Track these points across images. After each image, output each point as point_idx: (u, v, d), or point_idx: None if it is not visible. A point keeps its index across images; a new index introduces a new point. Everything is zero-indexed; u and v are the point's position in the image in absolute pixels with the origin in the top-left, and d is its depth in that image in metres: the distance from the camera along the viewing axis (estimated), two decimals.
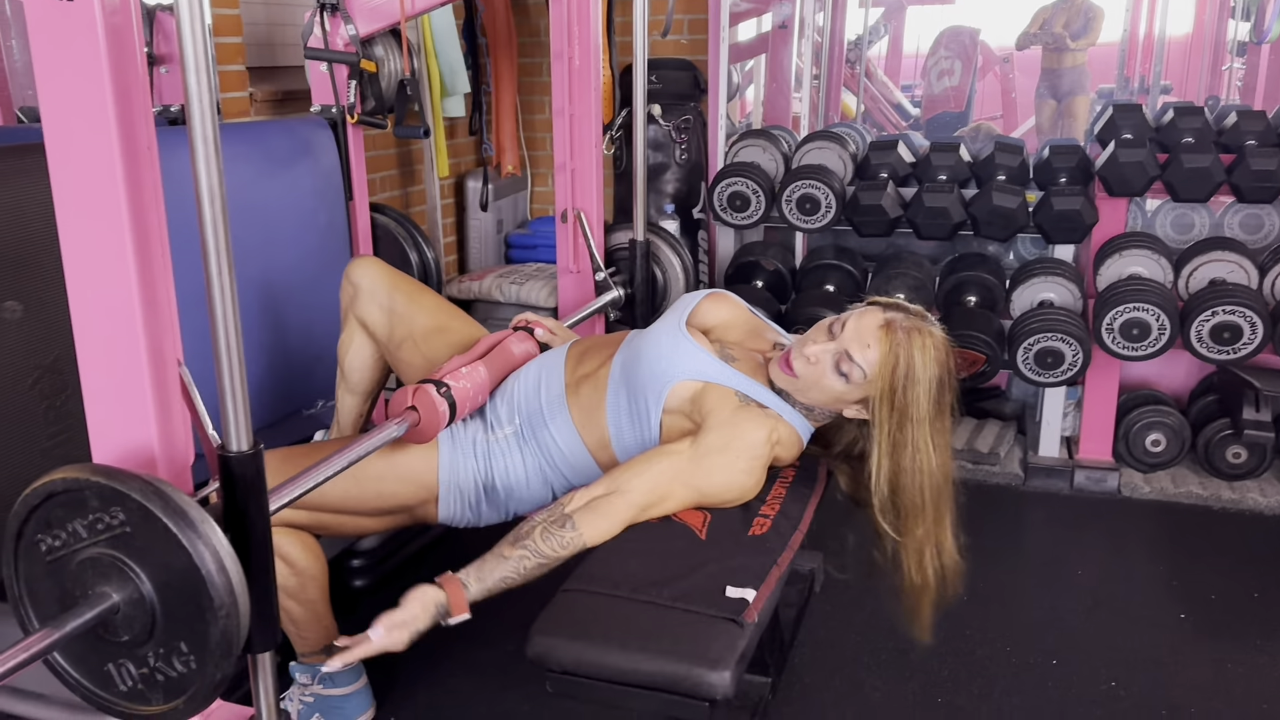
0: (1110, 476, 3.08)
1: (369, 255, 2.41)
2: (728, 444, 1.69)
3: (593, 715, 2.03)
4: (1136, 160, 2.97)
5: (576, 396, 1.88)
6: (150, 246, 1.22)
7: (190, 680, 1.23)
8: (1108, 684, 2.14)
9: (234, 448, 1.26)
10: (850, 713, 2.05)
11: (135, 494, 1.16)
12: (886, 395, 1.66)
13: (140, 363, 1.24)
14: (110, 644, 1.26)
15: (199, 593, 1.17)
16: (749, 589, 1.47)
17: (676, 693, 1.34)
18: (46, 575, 1.25)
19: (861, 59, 6.51)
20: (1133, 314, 2.85)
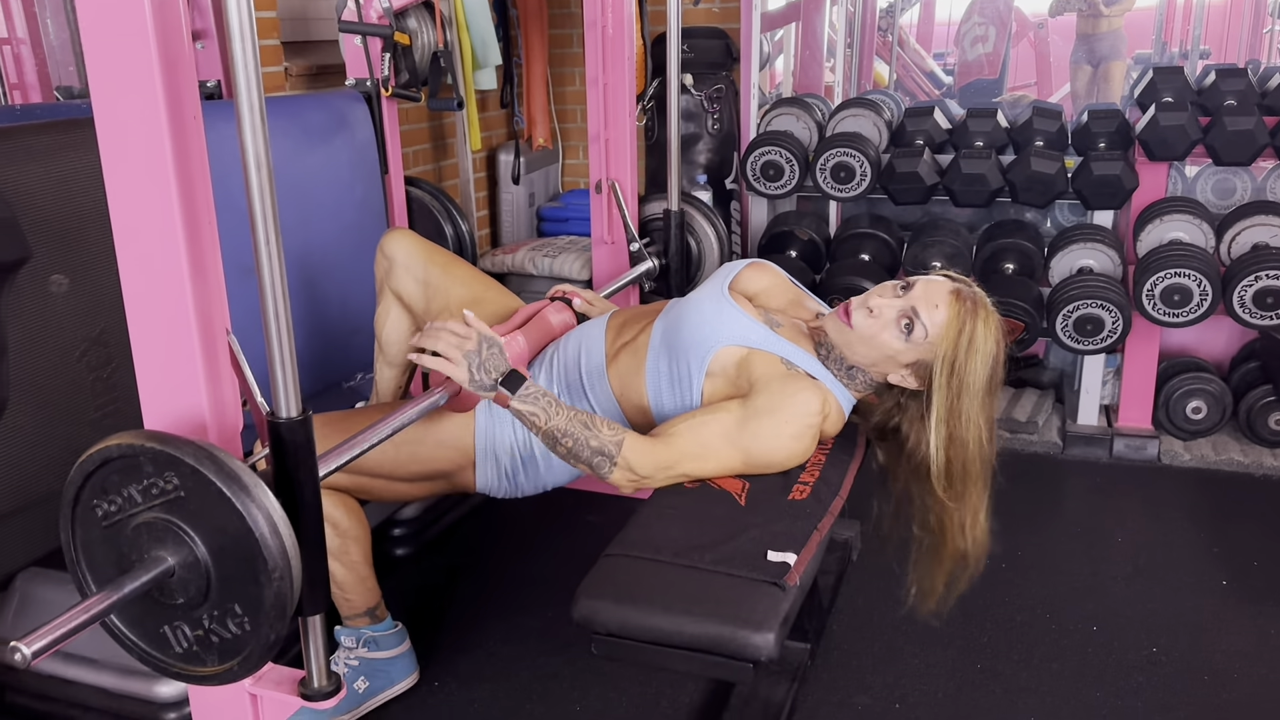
0: (1150, 444, 3.05)
1: (403, 227, 2.42)
2: (778, 407, 1.69)
3: (632, 678, 2.06)
4: (1178, 123, 2.92)
5: (616, 365, 1.89)
6: (198, 215, 1.23)
7: (245, 642, 1.26)
8: (1149, 650, 2.13)
9: (283, 414, 1.27)
10: (889, 678, 2.06)
11: (189, 459, 1.18)
12: (948, 360, 1.66)
13: (190, 331, 1.25)
14: (166, 607, 1.28)
15: (253, 555, 1.19)
16: (790, 553, 1.47)
17: (721, 654, 1.36)
18: (103, 540, 1.28)
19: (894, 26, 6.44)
20: (1174, 279, 2.81)
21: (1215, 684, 2.03)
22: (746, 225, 3.65)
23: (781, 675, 1.98)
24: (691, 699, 2.01)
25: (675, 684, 2.04)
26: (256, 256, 1.22)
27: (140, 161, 1.21)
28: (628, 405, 1.87)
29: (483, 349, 1.65)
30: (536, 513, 2.75)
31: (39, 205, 1.86)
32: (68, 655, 1.92)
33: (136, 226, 1.24)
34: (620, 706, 1.99)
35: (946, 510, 1.70)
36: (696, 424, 1.70)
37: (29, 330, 1.86)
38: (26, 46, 3.08)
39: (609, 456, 1.64)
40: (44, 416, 1.91)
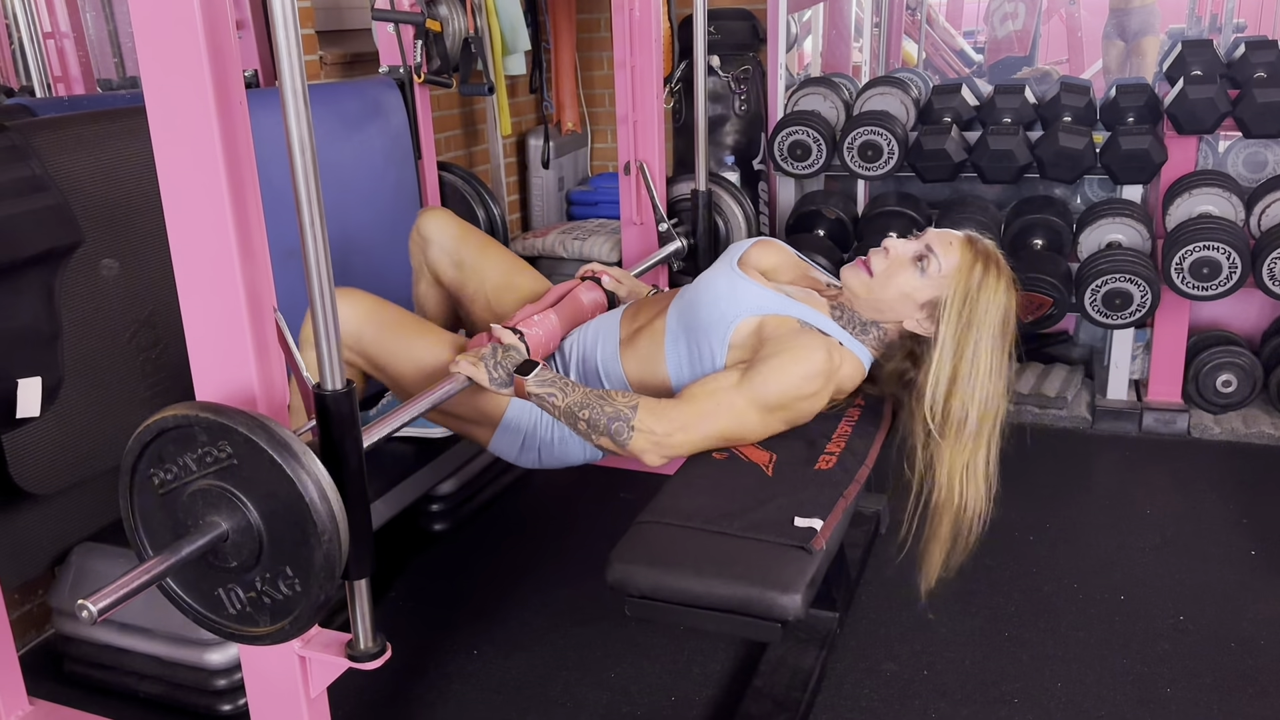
0: (1180, 418, 3.06)
1: (438, 207, 2.48)
2: (784, 350, 1.73)
3: (663, 647, 2.11)
4: (1207, 96, 2.91)
5: (632, 349, 1.94)
6: (245, 196, 1.29)
7: (295, 602, 1.32)
8: (1175, 618, 2.16)
9: (329, 386, 1.33)
10: (916, 646, 2.10)
11: (241, 428, 1.24)
12: (960, 292, 1.71)
13: (240, 308, 1.31)
14: (220, 570, 1.35)
15: (303, 519, 1.25)
16: (816, 519, 1.52)
17: (750, 614, 1.40)
18: (160, 508, 1.35)
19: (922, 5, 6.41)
20: (1202, 253, 2.81)
21: (1242, 651, 2.05)
22: (774, 206, 3.68)
23: (810, 642, 2.02)
24: (722, 666, 2.06)
25: (706, 652, 2.10)
26: (302, 235, 1.27)
27: (190, 146, 1.27)
28: (647, 391, 1.92)
29: (498, 353, 1.79)
30: (572, 489, 2.83)
31: (89, 192, 1.92)
32: (123, 625, 2.00)
33: (187, 208, 1.30)
34: (652, 674, 2.05)
35: (940, 452, 1.70)
36: (709, 380, 1.76)
37: (82, 313, 1.93)
38: (70, 40, 3.17)
39: (626, 420, 1.69)
40: (96, 396, 1.98)
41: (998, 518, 1.90)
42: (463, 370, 1.78)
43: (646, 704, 1.97)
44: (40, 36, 2.98)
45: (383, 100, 2.72)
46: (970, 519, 1.74)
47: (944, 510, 1.75)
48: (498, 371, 1.77)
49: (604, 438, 1.71)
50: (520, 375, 1.75)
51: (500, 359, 1.79)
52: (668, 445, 1.71)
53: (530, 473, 2.90)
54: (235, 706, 1.95)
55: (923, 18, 6.35)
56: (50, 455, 1.91)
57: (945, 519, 1.75)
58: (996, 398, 1.73)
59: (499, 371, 1.78)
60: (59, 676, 2.07)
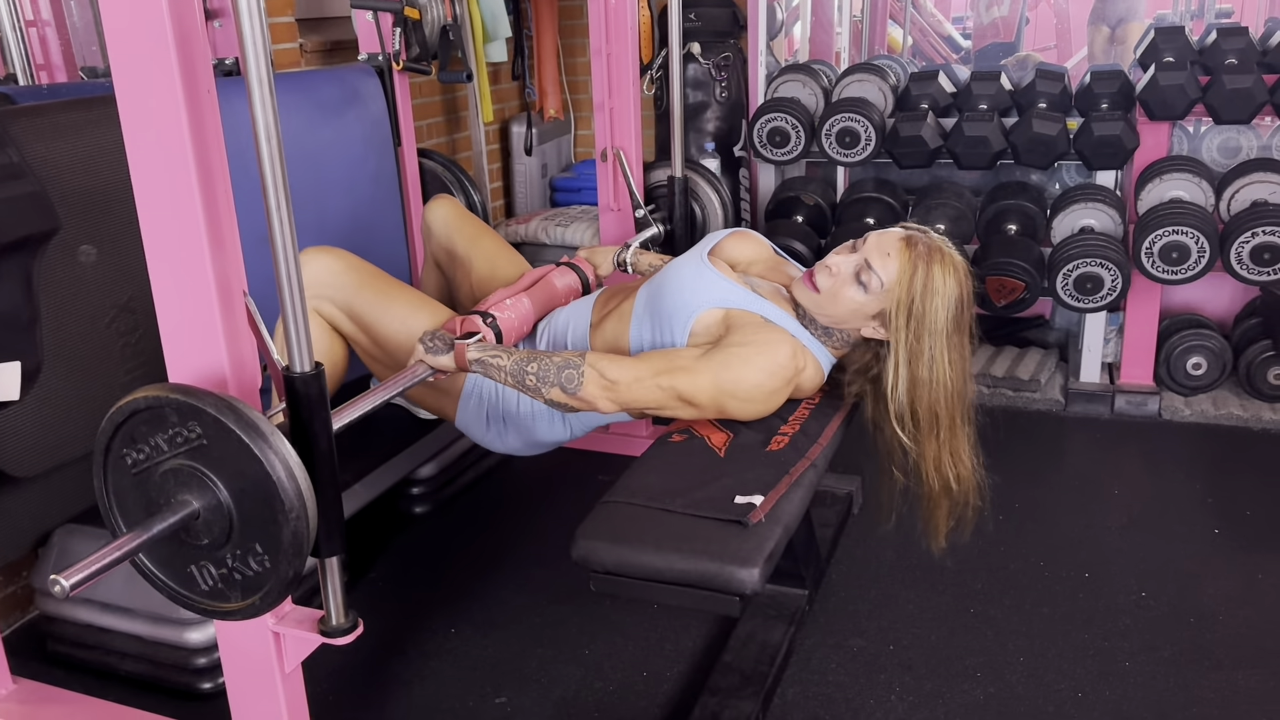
0: (1151, 400, 3.11)
1: (446, 196, 2.53)
2: (749, 343, 1.77)
3: (637, 624, 2.15)
4: (1177, 83, 2.95)
5: (600, 332, 1.98)
6: (214, 181, 1.32)
7: (265, 578, 1.36)
8: (1138, 594, 2.21)
9: (298, 368, 1.37)
10: (884, 622, 2.14)
11: (210, 408, 1.27)
12: (904, 303, 1.73)
13: (209, 291, 1.34)
14: (192, 548, 1.38)
15: (271, 496, 1.29)
16: (757, 495, 1.56)
17: (709, 588, 1.44)
18: (133, 487, 1.38)
19: None
20: (1172, 237, 2.86)
21: (1200, 626, 2.10)
22: (755, 192, 3.71)
23: (779, 619, 2.07)
24: (694, 642, 2.10)
25: (678, 629, 2.14)
26: (269, 216, 1.30)
27: (159, 133, 1.30)
28: None
29: (429, 338, 1.83)
30: (551, 473, 2.87)
31: (68, 179, 1.95)
32: (105, 605, 2.04)
33: (157, 194, 1.34)
34: (625, 650, 2.09)
35: (920, 449, 1.77)
36: (671, 349, 1.81)
37: (60, 299, 1.96)
38: (52, 28, 3.18)
39: (575, 367, 1.73)
40: (75, 381, 2.02)
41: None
42: (416, 355, 1.83)
43: (619, 679, 2.01)
44: (22, 24, 3.00)
45: (361, 87, 2.74)
46: (965, 489, 1.80)
47: (938, 497, 1.81)
48: (434, 341, 1.81)
49: (554, 389, 1.73)
50: (461, 343, 1.80)
51: (435, 337, 1.82)
52: (618, 393, 1.73)
53: (511, 457, 2.93)
54: (215, 684, 1.99)
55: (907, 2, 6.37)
56: (30, 438, 1.94)
57: (942, 499, 1.81)
58: (961, 385, 1.78)
59: (436, 342, 1.81)
60: (43, 657, 2.11)
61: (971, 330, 1.81)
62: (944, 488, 1.80)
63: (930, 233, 1.82)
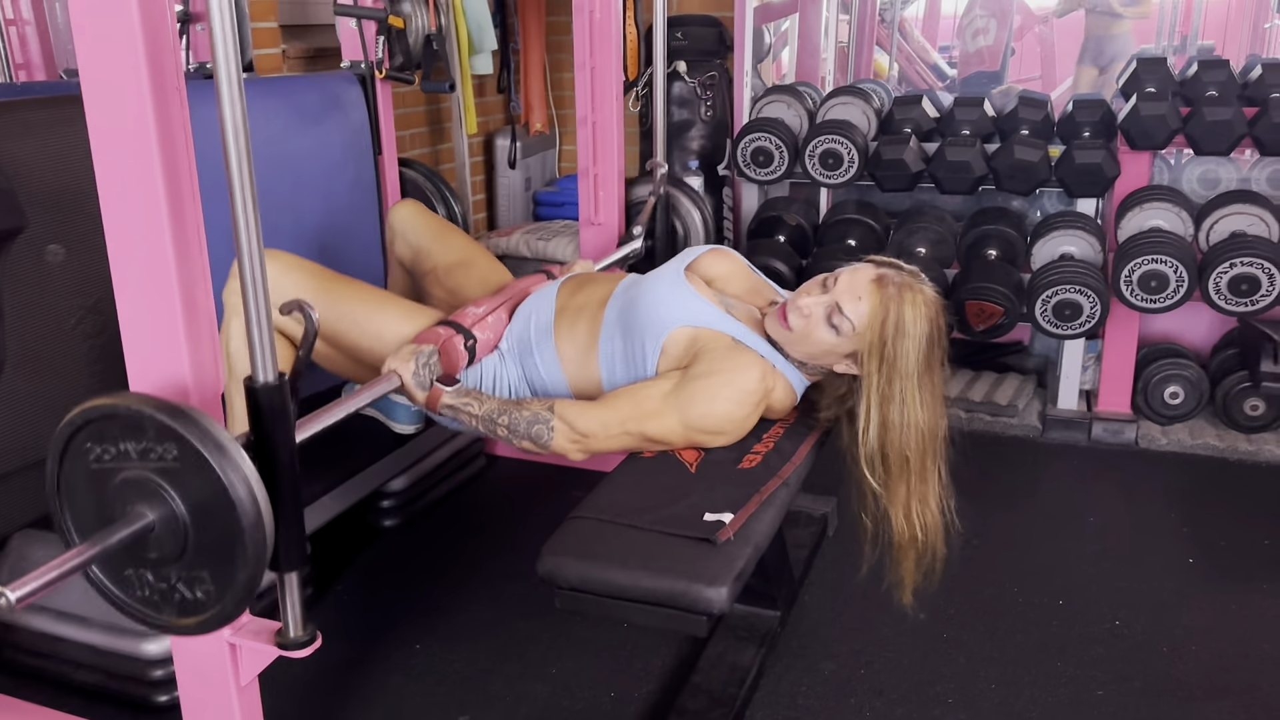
0: (1128, 428, 3.11)
1: (409, 199, 2.51)
2: (715, 371, 1.75)
3: (606, 643, 2.12)
4: (1158, 113, 2.96)
5: (568, 330, 1.95)
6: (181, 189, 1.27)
7: (205, 607, 1.32)
8: (1111, 623, 2.19)
9: (260, 379, 1.33)
10: (856, 645, 2.12)
11: (194, 439, 1.22)
12: (875, 348, 1.72)
13: (173, 299, 1.30)
14: (137, 555, 1.33)
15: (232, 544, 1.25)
16: (726, 513, 1.54)
17: (676, 607, 1.42)
18: (87, 479, 1.32)
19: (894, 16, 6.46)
20: (1151, 266, 2.86)
21: (1173, 656, 2.08)
22: (738, 211, 3.70)
23: (750, 640, 2.04)
24: (663, 662, 2.07)
25: (647, 648, 2.11)
26: (235, 222, 1.27)
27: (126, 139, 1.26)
28: (578, 379, 1.94)
29: (429, 356, 1.81)
30: (524, 488, 2.84)
31: (36, 177, 1.92)
32: (60, 613, 1.99)
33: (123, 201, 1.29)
34: (593, 669, 2.06)
35: (889, 493, 1.74)
36: (636, 389, 1.78)
37: (26, 298, 1.93)
38: (32, 27, 3.15)
39: (545, 422, 1.73)
40: (40, 382, 1.98)
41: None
42: (395, 366, 1.80)
43: (586, 699, 1.98)
44: (2, 23, 2.97)
45: (342, 95, 2.72)
46: (933, 542, 1.78)
47: (905, 547, 1.78)
48: (424, 372, 1.80)
49: (525, 441, 1.75)
50: (440, 385, 1.80)
51: (431, 363, 1.81)
52: (588, 444, 1.74)
53: (484, 471, 2.91)
54: (170, 698, 1.93)
55: (894, 28, 6.40)
56: None
57: (910, 551, 1.78)
58: (932, 425, 1.76)
59: (425, 373, 1.80)
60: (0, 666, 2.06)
61: (943, 362, 1.80)
62: (911, 540, 1.77)
63: (902, 266, 1.81)
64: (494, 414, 1.77)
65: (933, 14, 7.43)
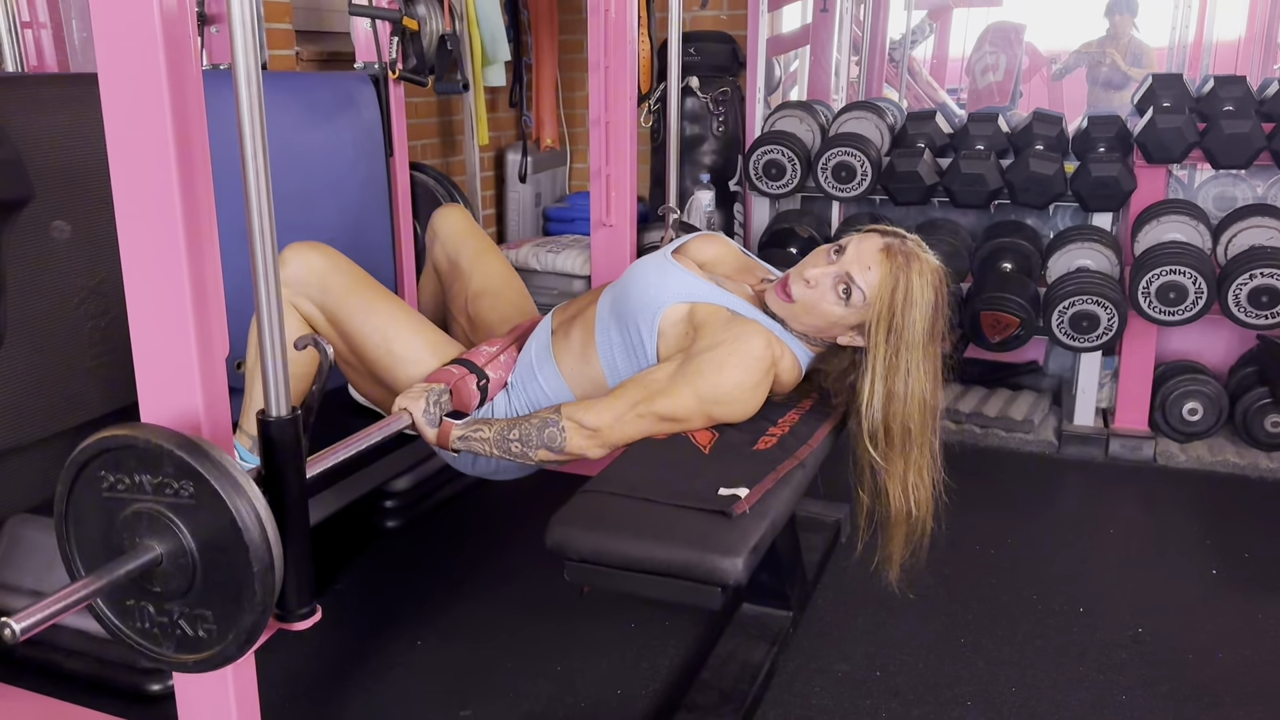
0: (1146, 445, 3.05)
1: (457, 205, 2.49)
2: (718, 343, 1.71)
3: (612, 641, 2.07)
4: (1175, 126, 2.94)
5: (564, 341, 1.92)
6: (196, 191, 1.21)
7: (206, 646, 1.27)
8: (1134, 630, 2.12)
9: (274, 413, 1.28)
10: (870, 648, 2.05)
11: (213, 480, 1.17)
12: (885, 317, 1.68)
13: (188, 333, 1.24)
14: (141, 588, 1.28)
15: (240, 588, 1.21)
16: (742, 488, 1.49)
17: (690, 578, 1.36)
18: (97, 506, 1.27)
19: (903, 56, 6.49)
20: (1169, 277, 2.82)
21: (1199, 663, 2.01)
22: (749, 225, 3.68)
23: (761, 639, 1.98)
24: (671, 661, 2.01)
25: (655, 647, 2.05)
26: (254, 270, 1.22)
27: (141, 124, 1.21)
28: (582, 381, 1.89)
29: (440, 395, 1.79)
30: (530, 495, 2.77)
31: (44, 153, 1.90)
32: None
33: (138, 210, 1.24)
34: (599, 667, 1.99)
35: (885, 471, 1.70)
36: (641, 374, 1.75)
37: (28, 272, 1.90)
38: (48, 30, 3.16)
39: (555, 425, 1.70)
40: (40, 360, 1.94)
41: (958, 529, 1.90)
42: (405, 404, 1.77)
43: (591, 696, 1.91)
44: (18, 24, 2.98)
45: (355, 94, 2.71)
46: (922, 517, 1.74)
47: (898, 522, 1.74)
48: (434, 410, 1.77)
49: (541, 450, 1.71)
50: (449, 420, 1.78)
51: (439, 398, 1.78)
52: (603, 437, 1.70)
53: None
54: (164, 686, 1.87)
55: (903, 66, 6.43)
56: None
57: (899, 529, 1.74)
58: (934, 396, 1.73)
59: (435, 410, 1.77)
60: None
61: (944, 333, 1.76)
62: (903, 516, 1.73)
63: (906, 235, 1.78)
64: (504, 431, 1.74)
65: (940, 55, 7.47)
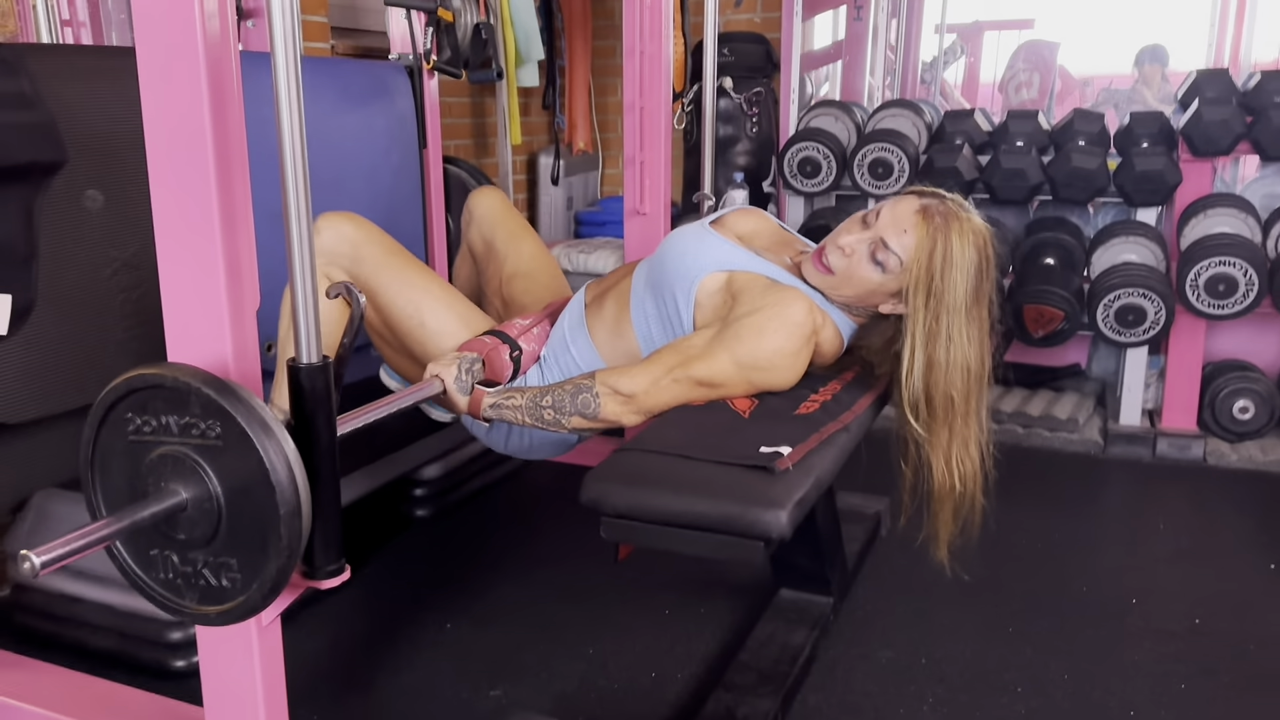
0: (1195, 444, 2.95)
1: (493, 187, 2.46)
2: (758, 308, 1.65)
3: (645, 626, 2.01)
4: (1222, 118, 2.88)
5: (597, 313, 1.88)
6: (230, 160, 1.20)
7: (229, 596, 1.23)
8: (1190, 621, 2.03)
9: (304, 360, 1.25)
10: (915, 635, 1.98)
11: (240, 417, 1.14)
12: (923, 281, 1.61)
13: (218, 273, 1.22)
14: (165, 535, 1.25)
15: (265, 529, 1.17)
16: (784, 446, 1.43)
17: (731, 532, 1.31)
18: (123, 452, 1.24)
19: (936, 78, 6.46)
20: (1219, 269, 2.75)
21: (1261, 654, 1.92)
22: None
23: (801, 623, 1.91)
24: (707, 646, 1.94)
25: (690, 632, 1.99)
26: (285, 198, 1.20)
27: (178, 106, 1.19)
28: (615, 354, 1.85)
29: (473, 363, 1.74)
30: (560, 487, 2.73)
31: (81, 120, 1.89)
32: (75, 571, 1.91)
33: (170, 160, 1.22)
34: (633, 651, 1.93)
35: (932, 438, 1.63)
36: (678, 341, 1.70)
37: (61, 241, 1.88)
38: (87, 29, 3.19)
39: (589, 390, 1.65)
40: (70, 329, 1.92)
41: (1001, 524, 1.84)
42: (437, 370, 1.72)
43: (624, 678, 1.85)
44: (59, 24, 3.00)
45: (390, 82, 2.70)
46: (971, 491, 1.67)
47: (943, 497, 1.67)
48: (466, 378, 1.72)
49: (574, 417, 1.66)
50: (481, 388, 1.73)
51: (474, 369, 1.74)
52: (639, 402, 1.64)
53: (519, 470, 2.81)
54: (189, 663, 1.83)
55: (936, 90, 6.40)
56: (16, 381, 1.85)
57: (945, 504, 1.67)
58: (979, 364, 1.65)
59: (467, 378, 1.72)
60: (10, 630, 1.96)
61: (991, 299, 1.69)
62: (950, 490, 1.66)
63: (945, 196, 1.71)
64: (537, 399, 1.69)
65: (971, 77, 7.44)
